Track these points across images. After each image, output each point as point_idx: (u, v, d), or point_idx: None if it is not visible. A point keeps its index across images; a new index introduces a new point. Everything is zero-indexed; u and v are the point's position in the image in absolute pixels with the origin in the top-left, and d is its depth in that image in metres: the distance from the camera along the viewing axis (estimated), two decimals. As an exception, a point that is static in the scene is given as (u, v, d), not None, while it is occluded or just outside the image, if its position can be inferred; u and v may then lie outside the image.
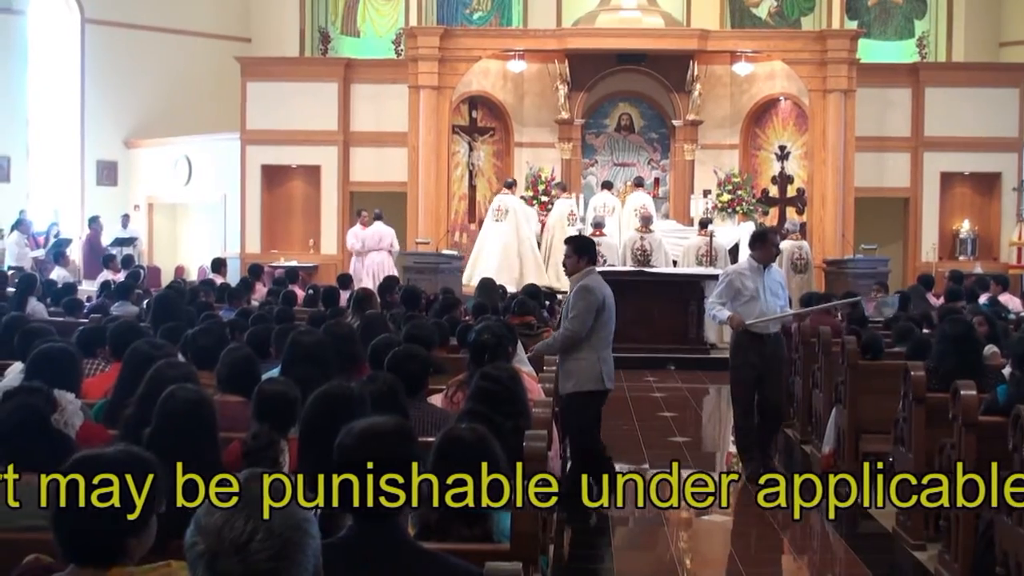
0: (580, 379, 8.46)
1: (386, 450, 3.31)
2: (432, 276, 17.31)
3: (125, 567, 3.03)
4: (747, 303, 9.44)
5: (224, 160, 22.09)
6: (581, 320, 8.41)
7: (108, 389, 6.30)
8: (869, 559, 7.58)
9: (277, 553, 2.19)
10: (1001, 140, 21.62)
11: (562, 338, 8.50)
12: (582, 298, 8.45)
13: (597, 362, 8.52)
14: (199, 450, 4.36)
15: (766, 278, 9.56)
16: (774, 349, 9.67)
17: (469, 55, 21.05)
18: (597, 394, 8.64)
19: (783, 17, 24.64)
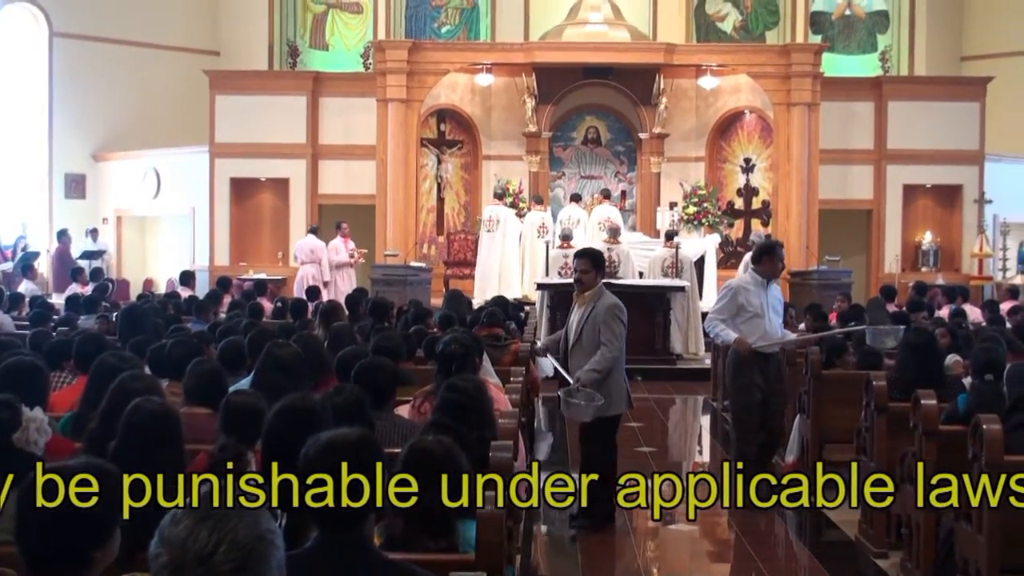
0: (615, 402, 8.16)
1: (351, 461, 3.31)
2: (401, 288, 17.29)
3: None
4: (750, 320, 8.84)
5: (193, 173, 22.01)
6: (620, 340, 8.12)
7: (75, 402, 6.26)
8: (832, 567, 7.63)
9: (241, 564, 2.19)
10: (963, 153, 21.78)
11: (607, 363, 8.02)
12: (616, 319, 8.10)
13: (624, 381, 8.33)
14: (165, 462, 4.34)
15: (768, 294, 8.99)
16: (777, 370, 9.12)
17: (437, 68, 21.06)
18: (620, 416, 8.49)
19: (748, 31, 24.80)
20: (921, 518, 6.88)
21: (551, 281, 16.89)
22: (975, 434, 5.94)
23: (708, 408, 14.24)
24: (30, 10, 22.68)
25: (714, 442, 12.72)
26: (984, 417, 5.94)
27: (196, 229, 22.25)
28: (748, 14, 24.88)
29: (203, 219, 22.03)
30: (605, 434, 8.27)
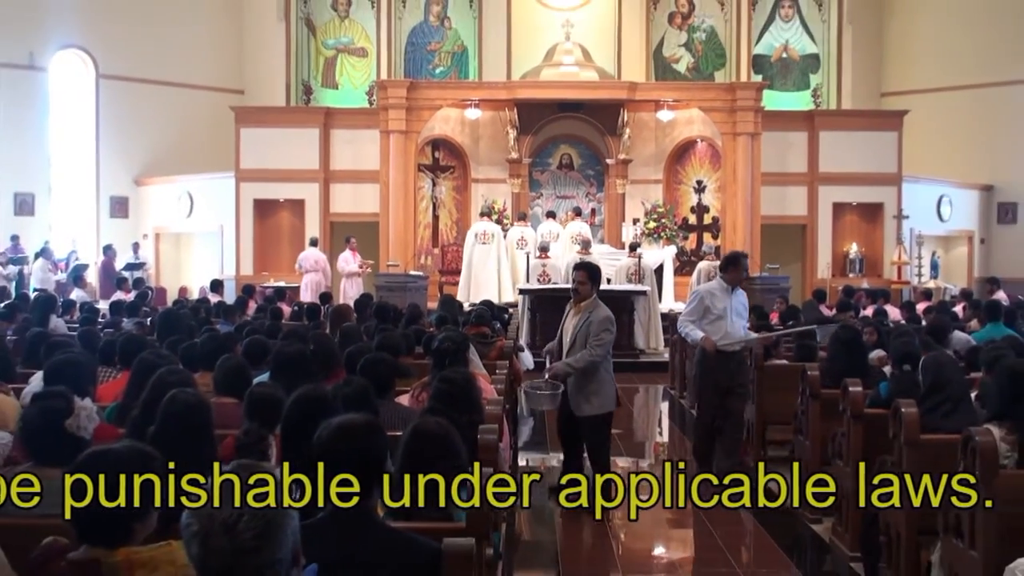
0: (603, 401, 8.07)
1: (358, 442, 3.30)
2: (402, 293, 17.24)
3: (131, 547, 3.02)
4: (714, 322, 8.82)
5: (221, 195, 21.94)
6: (606, 349, 8.00)
7: (119, 393, 6.24)
8: (775, 531, 7.64)
9: (261, 532, 2.18)
10: (883, 175, 21.85)
11: (586, 361, 7.91)
12: (608, 330, 7.99)
13: (612, 384, 8.19)
14: (198, 445, 4.32)
15: (733, 299, 8.94)
16: (739, 365, 8.99)
17: (432, 104, 21.05)
18: (612, 414, 8.32)
19: (699, 71, 24.85)
20: (850, 488, 6.90)
21: (531, 287, 16.90)
22: (895, 416, 5.95)
23: (667, 395, 14.26)
24: (80, 56, 22.64)
25: (672, 425, 12.74)
26: (902, 401, 5.96)
27: (224, 243, 22.18)
28: (699, 56, 24.95)
29: (230, 235, 21.96)
30: (602, 430, 8.14)
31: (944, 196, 23.47)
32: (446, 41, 24.64)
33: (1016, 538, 4.71)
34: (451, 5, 24.50)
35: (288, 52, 24.29)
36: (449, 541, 3.16)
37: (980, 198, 24.29)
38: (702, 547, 7.42)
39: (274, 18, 24.15)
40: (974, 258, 24.22)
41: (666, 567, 7.29)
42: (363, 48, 24.58)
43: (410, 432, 4.17)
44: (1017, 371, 5.36)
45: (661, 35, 24.86)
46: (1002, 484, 4.90)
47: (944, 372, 6.12)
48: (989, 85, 23.90)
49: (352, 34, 24.60)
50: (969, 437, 5.02)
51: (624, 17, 24.20)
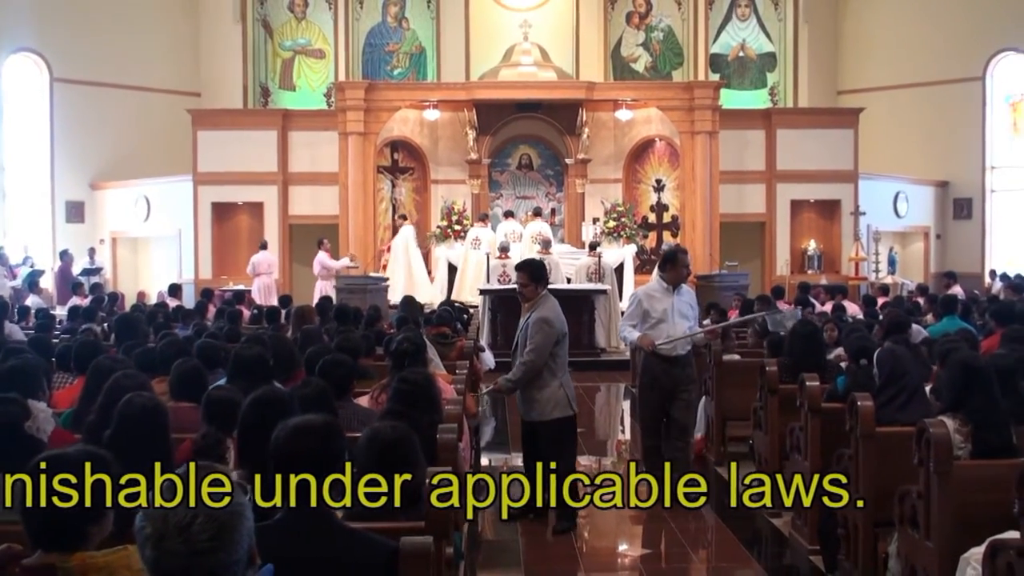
0: (546, 407, 7.57)
1: (316, 443, 3.30)
2: (362, 296, 17.19)
3: (86, 551, 2.99)
4: (655, 325, 8.06)
5: (179, 199, 21.79)
6: (540, 352, 7.49)
7: (74, 399, 6.18)
8: (735, 526, 7.70)
9: (216, 534, 2.17)
10: (840, 172, 22.03)
11: (523, 372, 7.51)
12: (541, 331, 7.49)
13: (560, 388, 7.60)
14: (154, 449, 4.30)
15: (676, 299, 8.15)
16: (683, 370, 8.17)
17: (391, 105, 21.01)
18: (567, 419, 7.68)
19: (657, 70, 24.98)
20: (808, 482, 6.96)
21: (492, 287, 16.92)
22: (851, 410, 6.01)
23: (628, 393, 14.28)
24: (33, 59, 22.43)
25: (634, 423, 12.76)
26: (858, 395, 6.02)
27: (182, 247, 22.04)
28: (657, 56, 25.08)
29: (188, 239, 21.82)
30: (559, 437, 7.64)
31: (900, 192, 23.73)
32: (404, 42, 24.61)
33: (970, 528, 4.77)
34: (409, 6, 24.48)
35: (245, 54, 24.18)
36: (406, 540, 3.16)
37: (935, 194, 24.57)
38: (663, 543, 7.46)
39: (230, 20, 24.02)
40: (930, 254, 24.51)
41: (628, 564, 7.32)
42: (320, 49, 24.50)
43: (367, 435, 4.17)
44: (969, 364, 5.43)
45: (619, 35, 24.96)
46: (956, 475, 4.97)
47: (898, 365, 6.19)
48: (943, 82, 24.19)
49: (309, 35, 24.52)
50: (923, 429, 5.09)
51: (582, 17, 24.28)
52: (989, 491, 4.77)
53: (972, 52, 23.96)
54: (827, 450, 6.64)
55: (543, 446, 7.66)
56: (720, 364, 9.63)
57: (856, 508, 6.22)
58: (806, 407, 6.95)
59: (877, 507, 5.79)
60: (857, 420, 5.92)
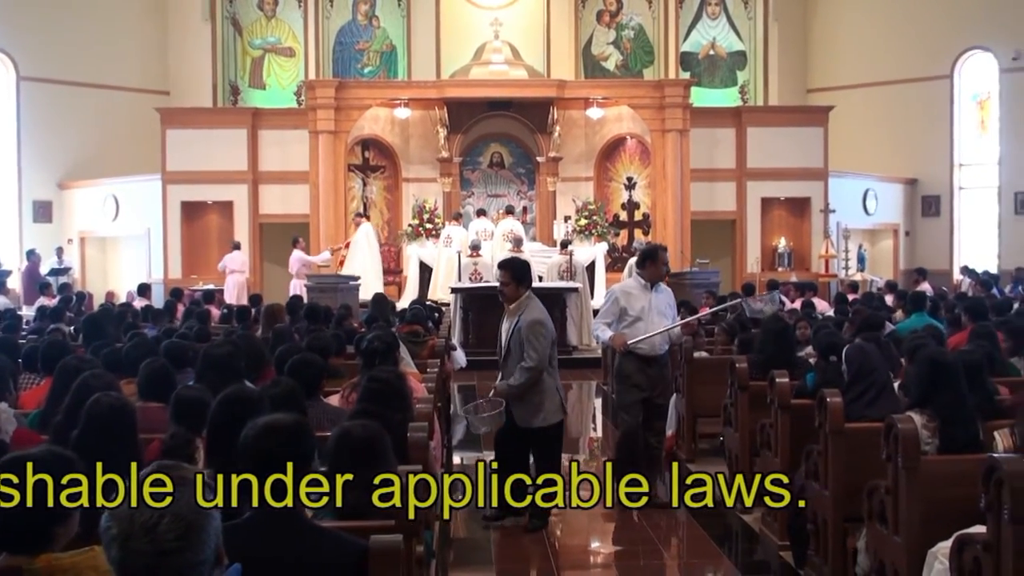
0: (548, 412, 7.38)
1: (285, 442, 3.28)
2: (333, 294, 17.13)
3: (53, 553, 2.97)
4: (633, 323, 7.88)
5: (147, 198, 21.65)
6: (542, 356, 7.26)
7: (42, 400, 6.13)
8: (706, 523, 7.72)
9: (182, 534, 2.16)
10: (810, 170, 22.13)
11: (527, 377, 7.23)
12: (538, 334, 7.26)
13: (556, 392, 7.46)
14: (121, 449, 4.27)
15: (654, 297, 8.00)
16: (660, 371, 8.07)
17: (361, 104, 20.96)
18: (561, 423, 7.58)
19: (628, 69, 25.04)
20: (778, 478, 7.00)
21: (463, 285, 16.92)
22: (821, 406, 6.05)
23: (600, 391, 14.34)
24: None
25: (605, 420, 12.80)
26: (827, 391, 6.06)
27: (151, 247, 21.89)
28: (628, 54, 25.14)
29: (157, 238, 21.69)
30: (553, 443, 7.55)
31: (869, 190, 23.88)
32: (374, 40, 24.55)
33: (937, 523, 4.82)
34: (379, 4, 24.42)
35: (214, 52, 24.05)
36: (376, 538, 3.16)
37: (904, 192, 24.76)
38: (635, 540, 7.47)
39: (199, 18, 23.90)
40: (899, 251, 24.69)
41: (600, 562, 7.35)
42: (290, 48, 24.41)
43: (335, 437, 4.16)
44: (936, 359, 5.48)
45: (590, 33, 25.00)
46: (924, 470, 5.01)
47: (867, 361, 6.24)
48: (912, 81, 24.38)
49: (279, 34, 24.42)
50: (891, 424, 5.12)
51: (553, 15, 24.30)
52: (956, 486, 4.81)
53: (940, 51, 24.15)
54: (797, 446, 6.67)
55: (541, 451, 7.47)
56: (691, 361, 9.67)
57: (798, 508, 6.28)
58: (776, 403, 6.98)
59: (846, 502, 5.82)
60: (826, 416, 5.95)
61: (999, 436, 5.12)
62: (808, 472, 6.29)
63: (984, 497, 4.27)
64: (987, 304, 11.71)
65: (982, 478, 4.28)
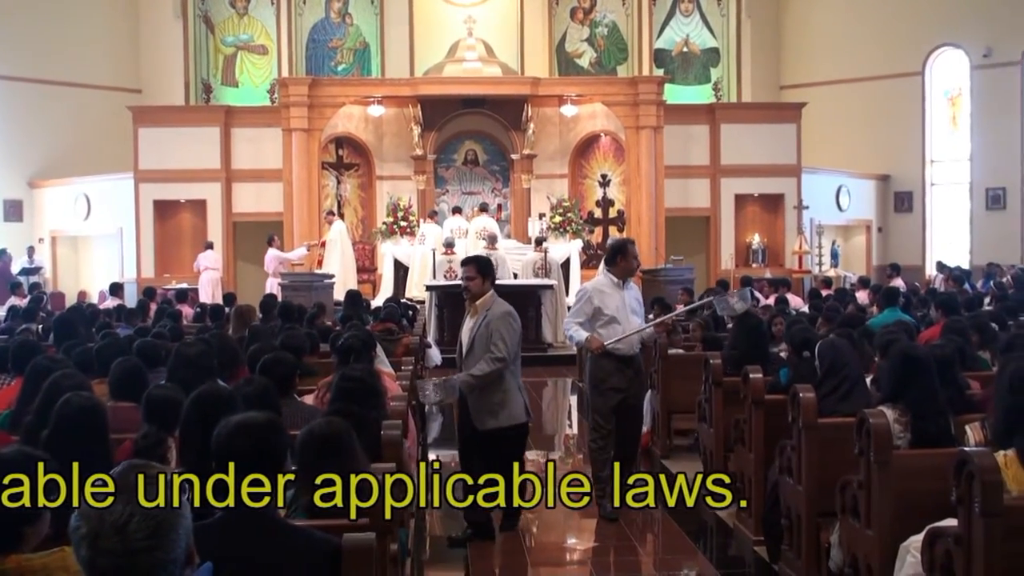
0: (509, 413, 7.02)
1: (258, 440, 3.27)
2: (307, 293, 17.08)
3: (22, 554, 2.95)
4: (608, 324, 7.59)
5: (119, 197, 21.50)
6: (512, 348, 6.95)
7: (12, 400, 6.09)
8: (681, 518, 7.74)
9: (152, 532, 2.15)
10: (783, 167, 22.22)
11: (493, 368, 6.87)
12: (508, 326, 6.94)
13: (519, 392, 7.12)
14: (93, 449, 4.24)
15: (626, 295, 7.75)
16: (636, 372, 7.82)
17: (335, 101, 20.90)
18: (523, 426, 7.20)
19: (602, 66, 25.07)
20: (752, 473, 7.04)
21: (438, 283, 16.91)
22: (794, 401, 6.07)
23: (575, 388, 14.35)
24: (-32, 55, 22.06)
25: (581, 417, 12.81)
26: (800, 386, 6.08)
27: (124, 246, 21.75)
28: (601, 51, 25.17)
29: (130, 237, 21.55)
30: (514, 444, 7.17)
31: (842, 186, 24.02)
32: (348, 38, 24.48)
33: (909, 517, 4.85)
34: (352, 2, 24.36)
35: (186, 50, 23.92)
36: (349, 536, 3.15)
37: (877, 188, 24.91)
38: (610, 536, 7.48)
39: (170, 15, 23.76)
40: (872, 246, 24.84)
41: (576, 559, 7.35)
42: (263, 45, 24.31)
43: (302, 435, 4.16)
44: (908, 354, 5.52)
45: (563, 30, 25.02)
46: (896, 464, 5.04)
47: (839, 357, 6.27)
48: (884, 77, 24.53)
49: (252, 31, 24.31)
50: (863, 419, 5.15)
51: (526, 13, 24.30)
52: (928, 480, 4.84)
53: (912, 47, 24.31)
54: (771, 442, 6.70)
55: (500, 454, 7.06)
56: (666, 357, 9.70)
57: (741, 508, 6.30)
58: (750, 399, 7.02)
59: (819, 497, 5.85)
60: (799, 412, 5.98)
61: (970, 430, 5.16)
62: (782, 467, 6.32)
63: (955, 491, 4.30)
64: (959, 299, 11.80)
65: (953, 472, 4.31)
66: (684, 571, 6.88)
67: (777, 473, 6.40)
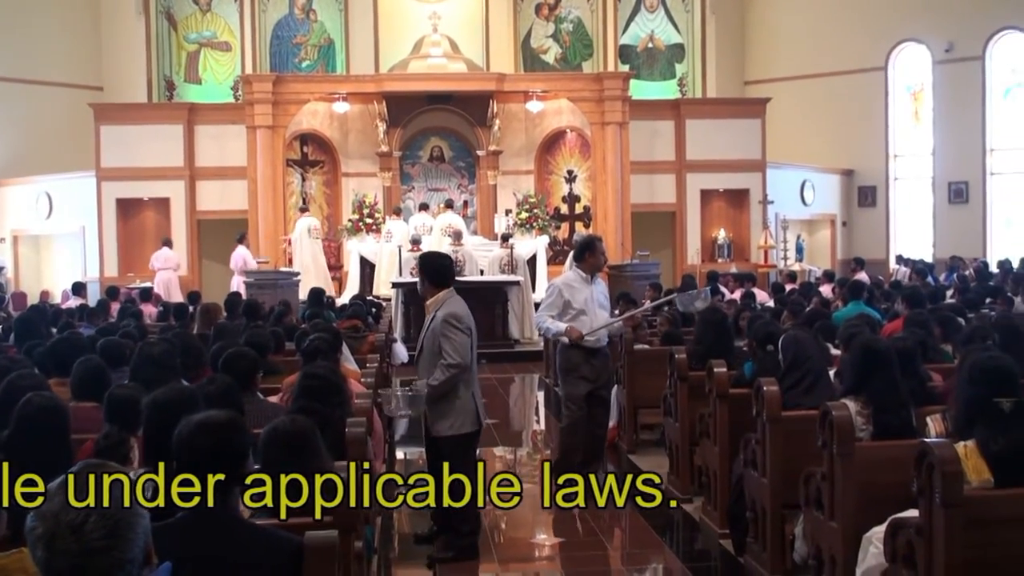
0: (457, 420, 6.63)
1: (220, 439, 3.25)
2: (272, 291, 16.99)
3: (-21, 556, 2.93)
4: (576, 318, 7.88)
5: (82, 195, 21.31)
6: (462, 353, 6.51)
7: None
8: (647, 512, 7.77)
9: (110, 532, 2.14)
10: (748, 162, 22.33)
11: (447, 375, 6.48)
12: (450, 329, 6.49)
13: (471, 399, 6.69)
14: (54, 450, 4.21)
15: (594, 290, 8.06)
16: (604, 362, 8.14)
17: (299, 98, 20.80)
18: (474, 435, 6.80)
19: (567, 62, 25.10)
20: (717, 467, 7.07)
21: (404, 280, 16.88)
22: (758, 395, 6.11)
23: (542, 384, 14.38)
24: (-74, 52, 21.80)
25: (548, 413, 12.84)
26: (764, 380, 6.12)
27: (87, 245, 21.56)
28: (567, 47, 25.21)
29: (92, 236, 21.36)
30: (461, 453, 6.70)
31: (807, 181, 24.18)
32: (312, 34, 24.38)
33: (872, 508, 4.90)
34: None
35: (148, 47, 23.74)
36: (311, 534, 3.13)
37: (841, 182, 25.10)
38: (577, 531, 7.50)
39: (132, 12, 23.57)
40: (836, 240, 25.03)
41: (543, 555, 7.36)
42: (226, 42, 24.17)
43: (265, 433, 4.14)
44: (869, 347, 5.56)
45: (529, 26, 25.04)
46: (858, 456, 5.08)
47: (801, 350, 6.32)
48: (847, 72, 24.72)
49: (215, 28, 24.16)
50: (827, 412, 5.19)
51: (491, 8, 24.30)
52: (890, 471, 4.88)
53: (874, 43, 24.51)
54: (735, 435, 6.74)
55: (450, 464, 6.67)
56: (632, 353, 9.72)
57: (670, 507, 6.32)
58: (714, 393, 7.05)
59: (784, 489, 5.89)
60: (763, 405, 6.01)
61: (931, 421, 5.20)
62: (746, 460, 6.36)
63: (916, 481, 4.35)
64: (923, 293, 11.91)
65: (914, 463, 4.35)
66: (651, 565, 6.92)
67: (742, 466, 6.44)
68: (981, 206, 23.60)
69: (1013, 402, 4.47)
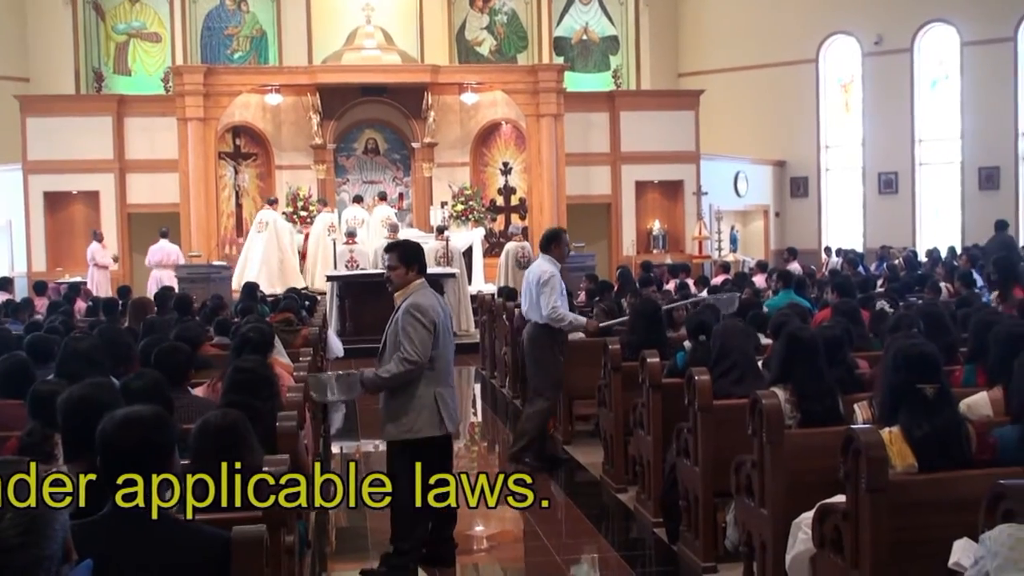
0: (411, 422, 6.04)
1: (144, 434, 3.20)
2: (204, 284, 16.79)
3: None
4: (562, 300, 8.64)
5: (8, 188, 20.88)
6: (421, 348, 5.94)
7: None
8: (582, 502, 7.81)
9: (26, 529, 2.11)
10: (682, 153, 22.47)
11: (402, 370, 5.94)
12: (412, 321, 5.96)
13: (434, 400, 6.07)
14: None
15: None
16: (565, 339, 8.94)
17: (231, 90, 20.57)
18: (435, 440, 6.15)
19: (502, 54, 25.12)
20: (651, 456, 7.13)
21: (339, 273, 16.78)
22: (689, 385, 6.17)
23: (479, 377, 14.39)
24: None
25: (485, 406, 12.86)
26: (696, 370, 6.18)
27: (13, 239, 21.14)
28: (501, 39, 25.22)
29: (20, 230, 20.95)
30: (408, 459, 6.07)
31: (740, 172, 24.44)
32: (244, 25, 24.14)
33: (801, 494, 4.97)
34: (248, -12, 24.02)
35: (76, 38, 23.36)
36: (238, 529, 3.09)
37: (774, 173, 25.41)
38: (512, 520, 7.52)
39: (59, 2, 23.15)
40: (770, 231, 25.34)
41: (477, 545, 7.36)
42: (156, 33, 23.84)
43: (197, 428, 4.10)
44: (794, 336, 5.64)
45: (463, 18, 25.01)
46: (787, 443, 5.15)
47: (728, 340, 6.39)
48: (779, 64, 25.02)
49: (144, 18, 23.82)
50: (756, 400, 5.25)
51: (425, 0, 24.20)
52: (818, 458, 4.96)
53: (805, 35, 24.84)
54: (668, 424, 6.80)
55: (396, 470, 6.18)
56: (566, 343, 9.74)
57: (542, 507, 6.33)
58: (647, 383, 7.10)
59: (716, 478, 5.96)
60: (695, 394, 6.08)
61: (858, 408, 5.28)
62: (679, 449, 6.41)
63: (843, 467, 4.42)
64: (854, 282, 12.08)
65: (841, 449, 4.42)
66: (586, 555, 6.95)
67: (675, 455, 6.50)
68: (910, 196, 24.03)
69: (936, 388, 4.56)
